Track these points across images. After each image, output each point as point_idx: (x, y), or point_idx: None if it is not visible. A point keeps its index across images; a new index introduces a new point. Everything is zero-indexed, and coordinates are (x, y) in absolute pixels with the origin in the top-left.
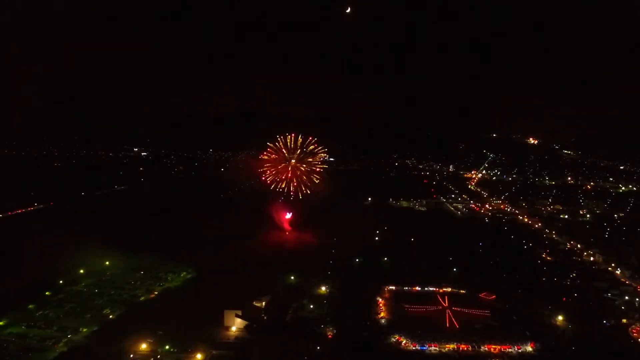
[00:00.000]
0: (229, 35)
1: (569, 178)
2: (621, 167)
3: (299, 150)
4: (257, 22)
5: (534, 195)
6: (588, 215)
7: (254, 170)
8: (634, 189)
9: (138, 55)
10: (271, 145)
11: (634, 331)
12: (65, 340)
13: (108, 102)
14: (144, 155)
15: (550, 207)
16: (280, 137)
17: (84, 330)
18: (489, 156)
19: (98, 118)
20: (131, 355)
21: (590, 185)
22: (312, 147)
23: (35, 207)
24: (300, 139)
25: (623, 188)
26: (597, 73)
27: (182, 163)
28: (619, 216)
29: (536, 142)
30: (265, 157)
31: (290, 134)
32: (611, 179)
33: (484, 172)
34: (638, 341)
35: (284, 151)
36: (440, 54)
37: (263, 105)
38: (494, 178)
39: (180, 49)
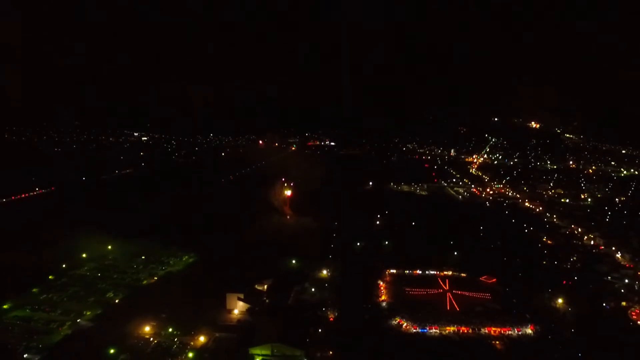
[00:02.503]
0: (228, 20)
1: (571, 162)
2: (623, 151)
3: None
4: (257, 9)
5: (535, 179)
6: (589, 199)
7: (254, 155)
8: (636, 172)
9: (138, 40)
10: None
11: (634, 314)
12: (70, 323)
13: (108, 87)
14: (144, 140)
15: (551, 191)
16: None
17: (88, 313)
18: (491, 140)
19: (98, 103)
20: (135, 338)
21: (591, 169)
22: None
23: (37, 192)
24: None
25: (624, 172)
26: (600, 57)
27: (182, 148)
28: (620, 200)
29: (538, 126)
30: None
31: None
32: (613, 162)
33: (485, 156)
34: (637, 323)
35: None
36: (443, 38)
37: (263, 90)
38: (496, 162)
39: (180, 34)
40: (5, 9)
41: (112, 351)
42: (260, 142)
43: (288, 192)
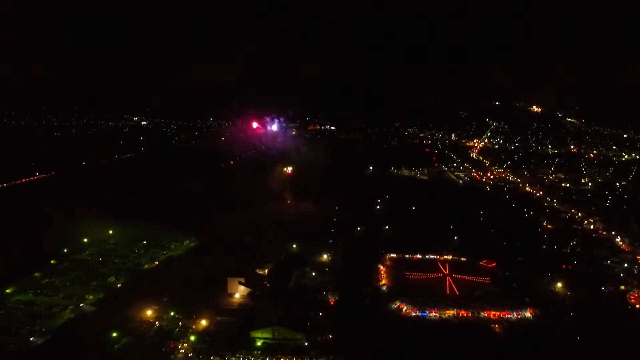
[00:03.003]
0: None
1: (572, 146)
2: (625, 135)
3: None
4: None
5: (536, 163)
6: (590, 184)
7: (254, 140)
8: (637, 157)
9: (137, 22)
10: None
11: (632, 297)
12: (72, 307)
13: (106, 71)
14: (144, 124)
15: (552, 176)
16: None
17: (90, 297)
18: (492, 124)
19: (97, 87)
20: (137, 322)
21: (593, 154)
22: None
23: (37, 177)
24: None
25: (626, 156)
26: (602, 41)
27: (182, 132)
28: (620, 184)
29: (539, 110)
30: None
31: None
32: (614, 147)
33: (486, 140)
34: (636, 307)
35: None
36: (442, 20)
37: (264, 74)
38: (496, 146)
39: (180, 14)
40: None
41: (114, 334)
42: (259, 126)
43: (288, 177)
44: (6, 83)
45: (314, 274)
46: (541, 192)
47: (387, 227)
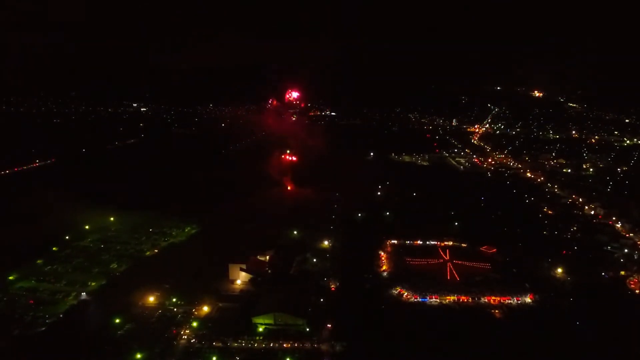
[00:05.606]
0: None
1: (573, 132)
2: (627, 120)
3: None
4: None
5: (537, 149)
6: (591, 169)
7: (254, 126)
8: (639, 142)
9: (136, 7)
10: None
11: (632, 283)
12: (75, 293)
13: (106, 57)
14: (143, 110)
15: (553, 161)
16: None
17: (93, 284)
18: (493, 110)
19: (95, 73)
20: (139, 308)
21: (594, 139)
22: None
23: (37, 164)
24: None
25: (627, 141)
26: (603, 25)
27: (182, 118)
28: (621, 170)
29: (541, 95)
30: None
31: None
32: (616, 132)
33: (487, 126)
34: (635, 292)
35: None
36: (444, 4)
37: (264, 60)
38: (498, 132)
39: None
40: None
41: (117, 320)
42: (259, 111)
43: (289, 164)
44: (4, 70)
45: (314, 259)
46: (542, 178)
47: (387, 213)
